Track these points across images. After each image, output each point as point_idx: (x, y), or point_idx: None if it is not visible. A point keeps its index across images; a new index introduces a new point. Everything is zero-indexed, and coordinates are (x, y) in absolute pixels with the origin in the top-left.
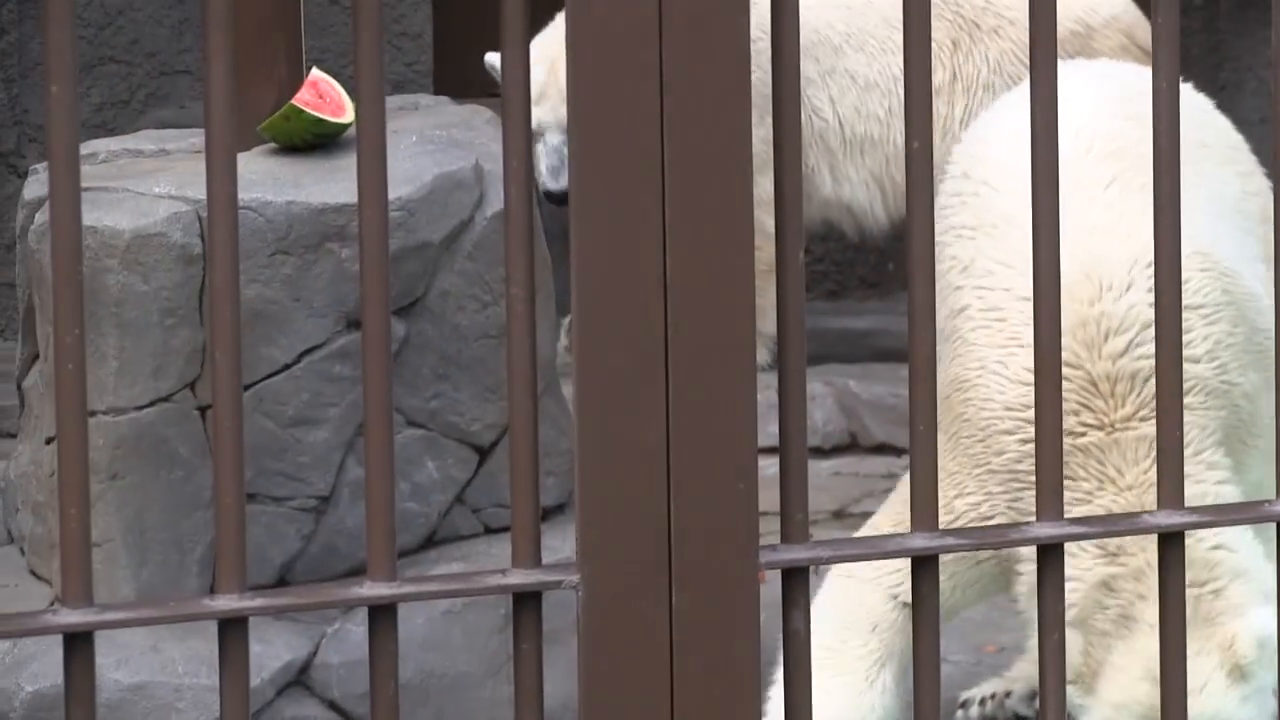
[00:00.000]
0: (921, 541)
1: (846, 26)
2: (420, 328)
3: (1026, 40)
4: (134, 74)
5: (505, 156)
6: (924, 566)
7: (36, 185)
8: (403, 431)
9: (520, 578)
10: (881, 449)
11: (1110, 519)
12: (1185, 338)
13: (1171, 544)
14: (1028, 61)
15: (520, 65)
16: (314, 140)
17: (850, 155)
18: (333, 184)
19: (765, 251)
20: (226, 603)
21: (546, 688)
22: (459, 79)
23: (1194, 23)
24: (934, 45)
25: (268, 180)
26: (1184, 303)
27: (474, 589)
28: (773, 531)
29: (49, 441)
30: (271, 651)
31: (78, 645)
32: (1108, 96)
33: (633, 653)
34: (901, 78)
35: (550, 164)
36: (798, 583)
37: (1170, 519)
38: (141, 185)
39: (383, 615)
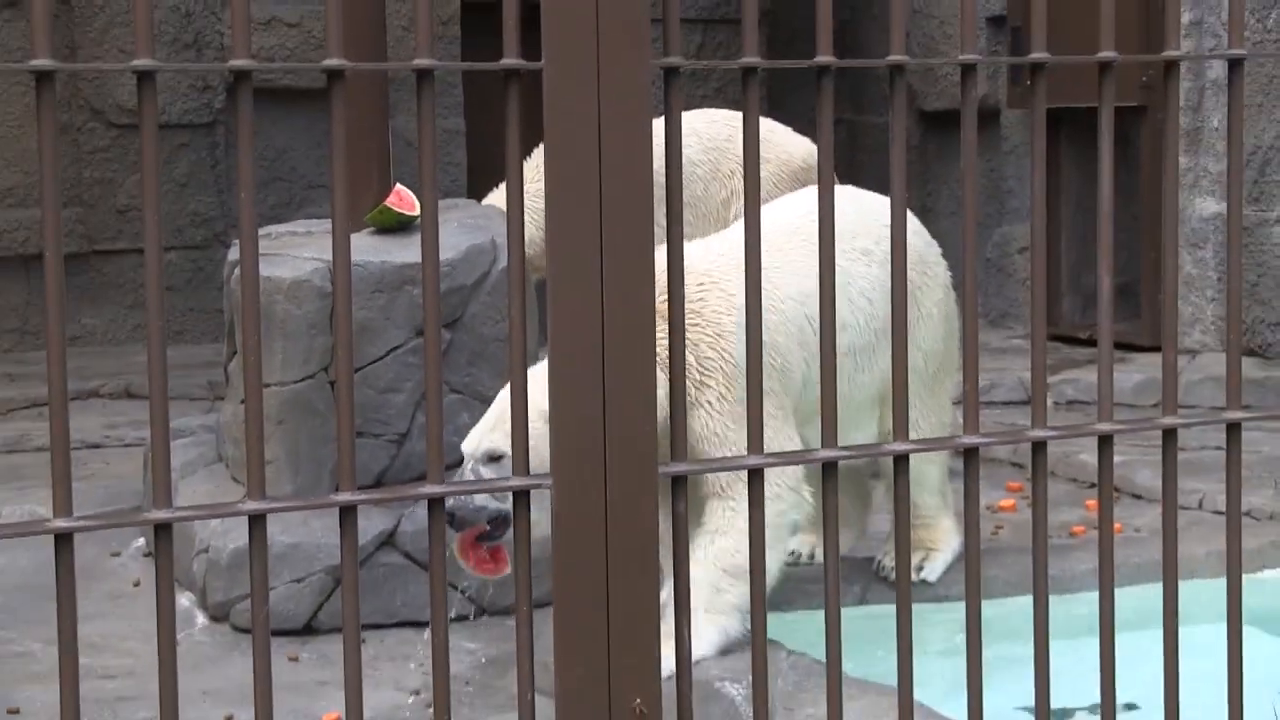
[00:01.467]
0: (755, 461)
1: None
2: (459, 335)
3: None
4: (292, 187)
5: (509, 238)
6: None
7: (233, 252)
8: (449, 396)
9: (519, 482)
10: None
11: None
12: (769, 344)
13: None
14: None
15: (517, 192)
16: (396, 226)
17: None
18: (407, 251)
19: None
20: (346, 497)
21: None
22: (482, 190)
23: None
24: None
25: (369, 249)
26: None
27: (495, 487)
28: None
29: (242, 402)
30: (373, 525)
31: (257, 522)
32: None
33: (582, 526)
34: None
35: None
36: (678, 488)
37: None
38: (297, 252)
39: (436, 506)
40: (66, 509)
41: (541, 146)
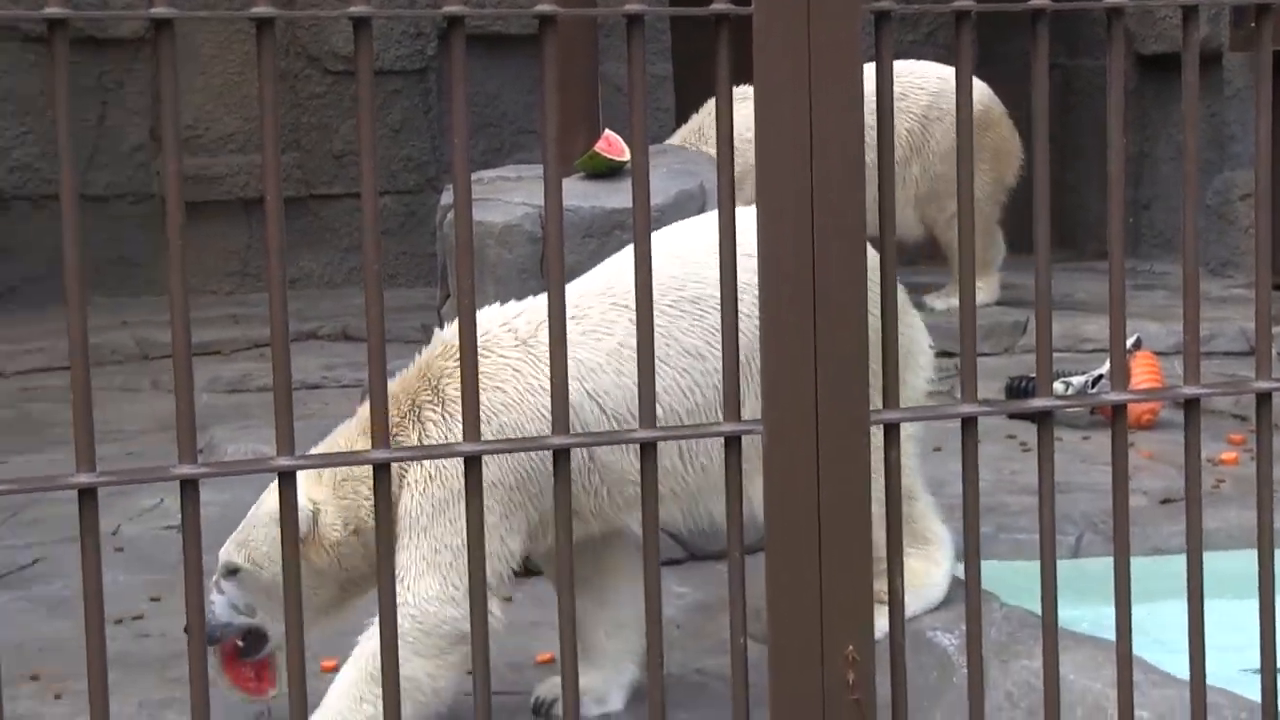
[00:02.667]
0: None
1: None
2: None
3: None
4: (502, 133)
5: (719, 178)
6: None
7: (446, 196)
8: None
9: (730, 428)
10: None
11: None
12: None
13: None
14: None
15: (727, 124)
16: (606, 171)
17: None
18: (616, 197)
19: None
20: (560, 440)
21: None
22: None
23: None
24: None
25: (580, 194)
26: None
27: (708, 433)
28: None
29: None
30: None
31: (473, 463)
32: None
33: (793, 473)
34: None
35: None
36: (891, 436)
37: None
38: (507, 197)
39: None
40: (289, 447)
41: (742, 89)
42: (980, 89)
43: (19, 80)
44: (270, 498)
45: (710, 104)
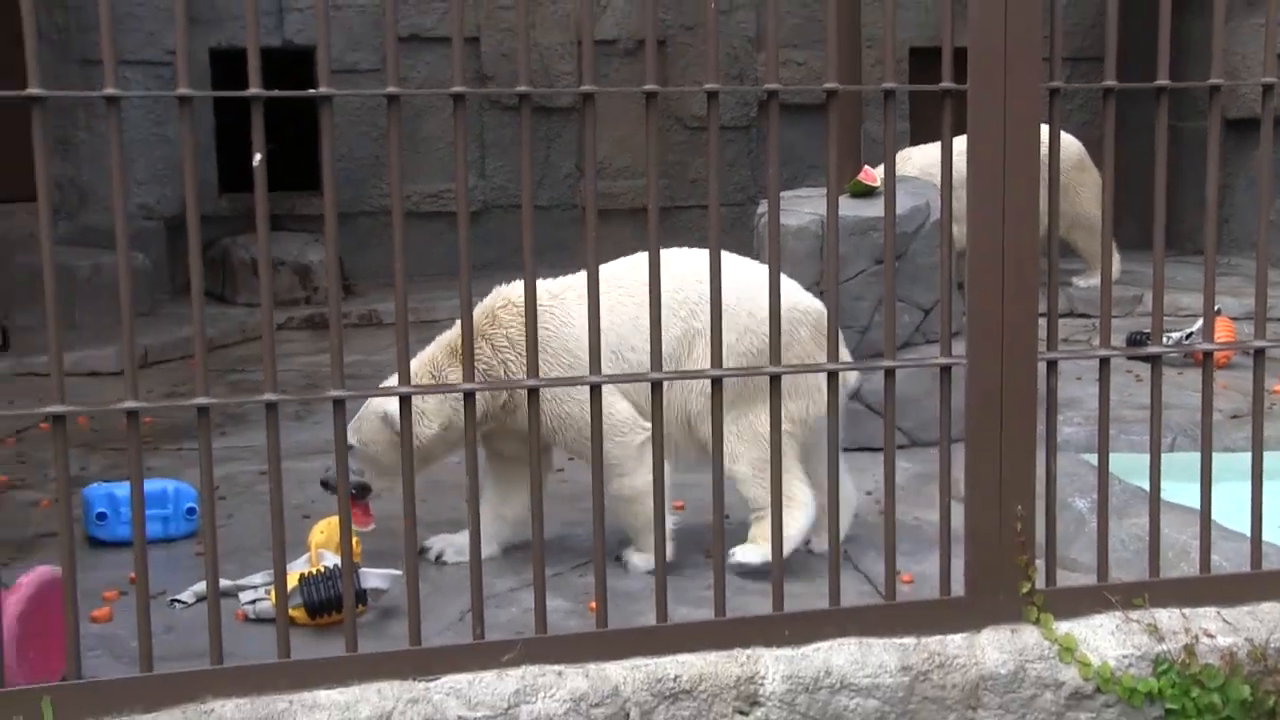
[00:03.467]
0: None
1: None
2: (904, 265)
3: None
4: (797, 167)
5: (942, 202)
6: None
7: (761, 208)
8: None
9: (945, 360)
10: None
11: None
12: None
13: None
14: None
15: (947, 176)
16: (865, 193)
17: None
18: (870, 209)
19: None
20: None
21: None
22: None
23: None
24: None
25: (846, 208)
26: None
27: (927, 364)
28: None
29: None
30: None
31: (774, 381)
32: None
33: (987, 390)
34: None
35: None
36: (1051, 370)
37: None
38: (799, 208)
39: (889, 378)
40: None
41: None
42: (1075, 144)
43: (497, 135)
44: (375, 401)
45: (923, 148)
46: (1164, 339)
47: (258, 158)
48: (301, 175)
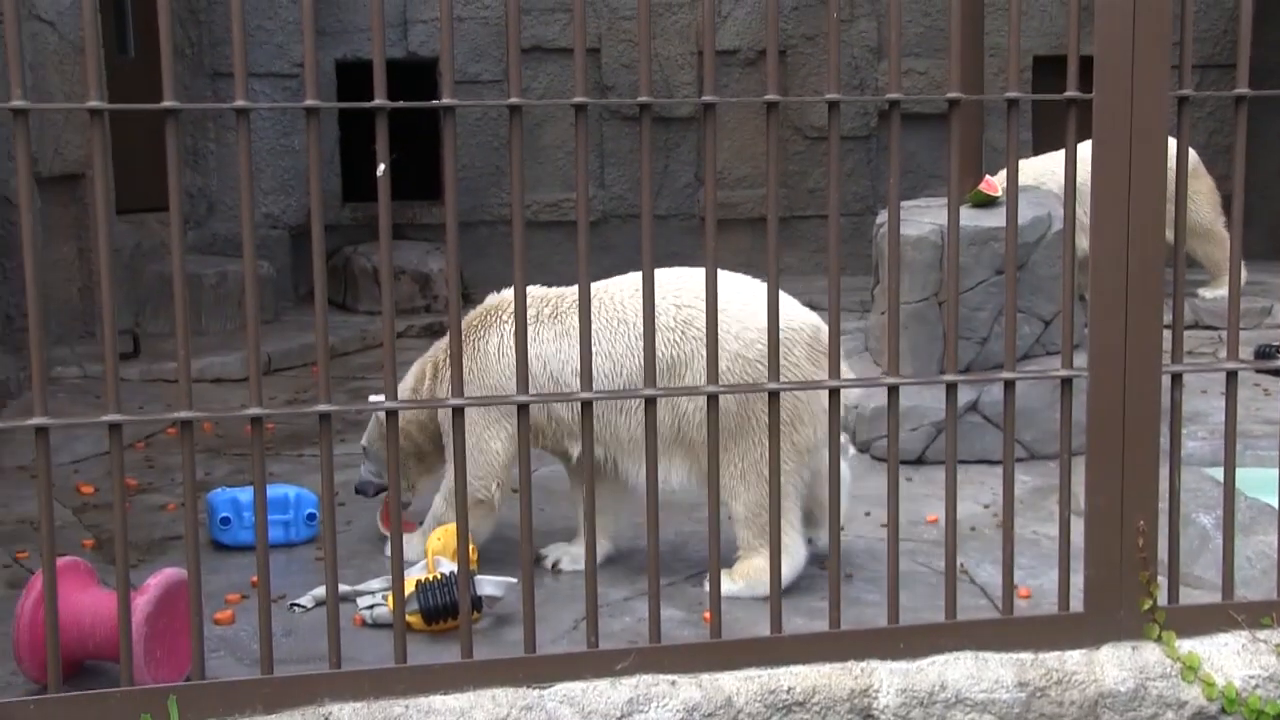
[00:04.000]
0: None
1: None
2: (1025, 275)
3: None
4: (917, 176)
5: (1064, 209)
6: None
7: (881, 217)
8: (1020, 314)
9: (1065, 372)
10: None
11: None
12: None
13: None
14: None
15: (1071, 184)
16: (986, 203)
17: None
18: (991, 220)
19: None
20: (950, 377)
21: None
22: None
23: None
24: None
25: (967, 218)
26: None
27: (1047, 376)
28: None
29: (882, 313)
30: (965, 395)
31: (893, 393)
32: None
33: (1109, 402)
34: None
35: None
36: (1176, 382)
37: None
38: (919, 218)
39: (1008, 388)
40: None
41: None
42: (1191, 154)
43: (616, 144)
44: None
45: (1045, 156)
46: None
47: (382, 168)
48: (422, 184)
